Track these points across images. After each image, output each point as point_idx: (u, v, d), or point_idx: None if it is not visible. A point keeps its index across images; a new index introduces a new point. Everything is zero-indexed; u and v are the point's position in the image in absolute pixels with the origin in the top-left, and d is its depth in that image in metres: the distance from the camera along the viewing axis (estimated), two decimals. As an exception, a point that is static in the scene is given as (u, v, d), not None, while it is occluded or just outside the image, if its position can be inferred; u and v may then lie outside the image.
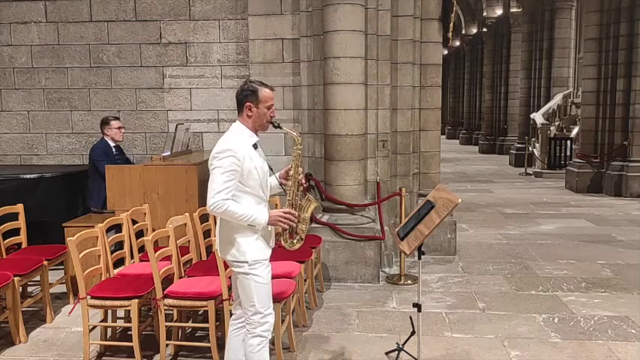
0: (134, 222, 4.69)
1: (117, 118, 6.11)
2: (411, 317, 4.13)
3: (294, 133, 3.30)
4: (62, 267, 5.24)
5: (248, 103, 3.04)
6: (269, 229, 3.12)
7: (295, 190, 3.17)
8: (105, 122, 6.01)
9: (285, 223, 3.07)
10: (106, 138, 5.98)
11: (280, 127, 3.19)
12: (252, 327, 3.10)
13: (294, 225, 3.14)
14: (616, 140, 11.25)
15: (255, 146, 3.08)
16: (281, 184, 3.27)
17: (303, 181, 3.24)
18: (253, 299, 3.06)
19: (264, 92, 3.05)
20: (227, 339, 3.37)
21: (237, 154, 2.93)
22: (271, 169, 3.23)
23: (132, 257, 4.59)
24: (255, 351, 3.09)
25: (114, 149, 6.00)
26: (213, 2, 6.68)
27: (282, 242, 3.18)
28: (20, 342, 4.28)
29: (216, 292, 3.82)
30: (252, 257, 3.03)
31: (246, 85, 3.10)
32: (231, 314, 3.77)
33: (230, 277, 3.89)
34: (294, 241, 3.20)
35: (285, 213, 3.07)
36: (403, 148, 6.30)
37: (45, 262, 4.72)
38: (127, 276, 4.22)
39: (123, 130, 6.07)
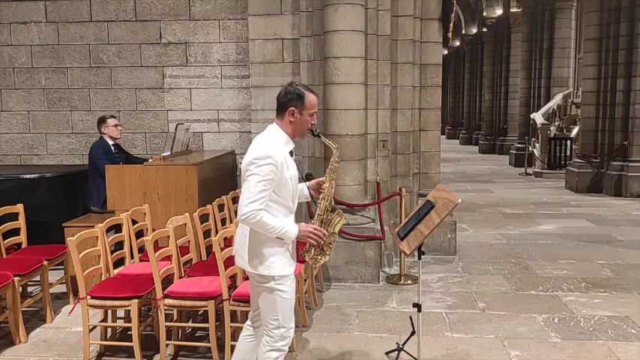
0: (134, 222, 4.70)
1: (113, 117, 6.11)
2: (411, 317, 4.13)
3: (333, 146, 3.13)
4: (62, 267, 5.24)
5: (292, 108, 2.86)
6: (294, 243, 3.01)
7: (327, 205, 3.04)
8: (102, 121, 6.01)
9: (314, 240, 2.93)
10: (104, 137, 5.98)
11: (320, 137, 3.07)
12: (273, 340, 2.97)
13: (323, 242, 3.00)
14: (616, 140, 11.25)
15: (291, 153, 2.94)
16: (311, 195, 3.12)
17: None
18: (277, 314, 2.94)
19: (310, 98, 2.88)
20: (237, 342, 3.28)
21: (277, 161, 2.76)
22: (302, 176, 3.08)
23: (132, 257, 4.59)
24: None
25: (112, 148, 5.99)
26: (213, 2, 6.68)
27: (307, 258, 3.05)
28: (20, 342, 4.28)
29: (216, 292, 3.81)
30: (278, 272, 2.89)
31: (291, 87, 2.91)
32: (231, 314, 3.78)
33: (230, 277, 3.90)
34: (319, 257, 3.06)
35: (316, 229, 2.93)
36: (403, 148, 6.30)
37: (45, 262, 4.72)
38: (127, 276, 4.22)
39: (120, 128, 6.07)
